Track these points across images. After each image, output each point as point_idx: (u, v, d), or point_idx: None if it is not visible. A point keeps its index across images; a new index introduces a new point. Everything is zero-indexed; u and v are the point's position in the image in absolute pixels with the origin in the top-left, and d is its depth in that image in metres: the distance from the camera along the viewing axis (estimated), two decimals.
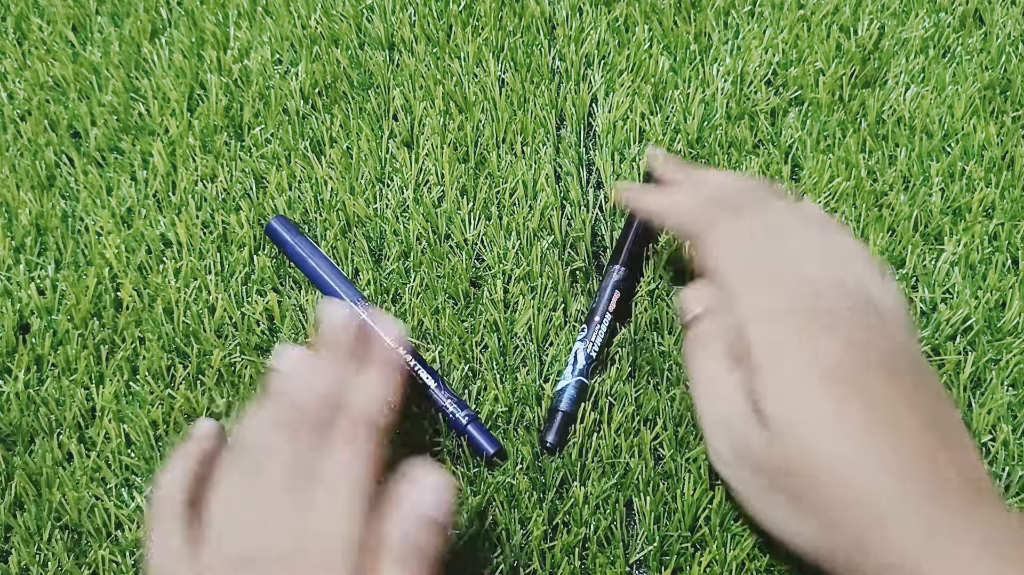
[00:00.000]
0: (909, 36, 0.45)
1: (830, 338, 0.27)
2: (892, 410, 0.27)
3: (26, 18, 0.47)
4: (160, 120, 0.43)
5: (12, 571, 0.32)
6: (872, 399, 0.27)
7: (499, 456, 0.34)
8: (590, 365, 0.36)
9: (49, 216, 0.40)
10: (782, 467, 0.27)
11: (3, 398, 0.36)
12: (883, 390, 0.27)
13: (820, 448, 0.26)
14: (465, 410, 0.35)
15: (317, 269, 0.38)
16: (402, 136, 0.43)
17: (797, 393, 0.27)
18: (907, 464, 0.26)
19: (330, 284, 0.37)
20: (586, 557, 0.33)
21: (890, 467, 0.26)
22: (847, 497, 0.26)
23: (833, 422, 0.27)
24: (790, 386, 0.27)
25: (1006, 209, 0.40)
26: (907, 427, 0.26)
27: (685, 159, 0.42)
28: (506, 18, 0.46)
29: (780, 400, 0.27)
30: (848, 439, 0.26)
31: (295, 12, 0.46)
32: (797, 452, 0.26)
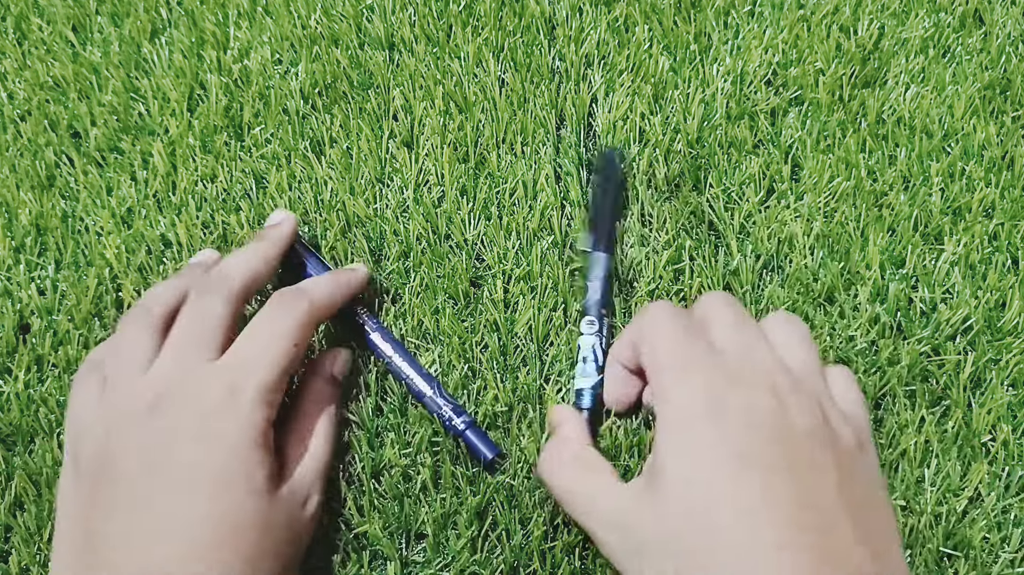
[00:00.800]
0: (909, 36, 0.45)
1: (731, 411, 0.27)
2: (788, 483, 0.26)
3: (26, 18, 0.47)
4: (160, 120, 0.43)
5: (12, 571, 0.32)
6: (770, 468, 0.26)
7: (498, 458, 0.34)
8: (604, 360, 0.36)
9: (49, 216, 0.40)
10: (673, 529, 0.26)
11: (3, 398, 0.36)
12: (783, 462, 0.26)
13: (717, 511, 0.26)
14: (462, 416, 0.35)
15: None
16: (402, 136, 0.43)
17: (701, 453, 0.27)
18: (793, 545, 0.25)
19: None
20: (586, 557, 0.33)
21: (779, 545, 0.25)
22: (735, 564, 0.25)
23: (733, 489, 0.26)
24: (694, 446, 0.27)
25: (1006, 209, 0.40)
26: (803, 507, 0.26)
27: (685, 159, 0.42)
28: (506, 18, 0.46)
29: (682, 459, 0.27)
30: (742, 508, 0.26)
31: (295, 12, 0.46)
32: (696, 512, 0.26)
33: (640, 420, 0.35)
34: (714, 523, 0.25)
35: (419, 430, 0.35)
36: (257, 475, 0.28)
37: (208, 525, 0.27)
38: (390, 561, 0.33)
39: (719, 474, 0.26)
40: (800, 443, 0.27)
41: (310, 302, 0.33)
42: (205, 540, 0.27)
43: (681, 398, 0.28)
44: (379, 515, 0.33)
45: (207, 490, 0.28)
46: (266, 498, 0.29)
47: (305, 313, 0.32)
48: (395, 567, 0.32)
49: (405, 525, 0.33)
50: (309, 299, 0.33)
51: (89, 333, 0.37)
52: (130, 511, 0.27)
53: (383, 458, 0.34)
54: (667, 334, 0.30)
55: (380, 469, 0.34)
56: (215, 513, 0.27)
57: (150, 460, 0.28)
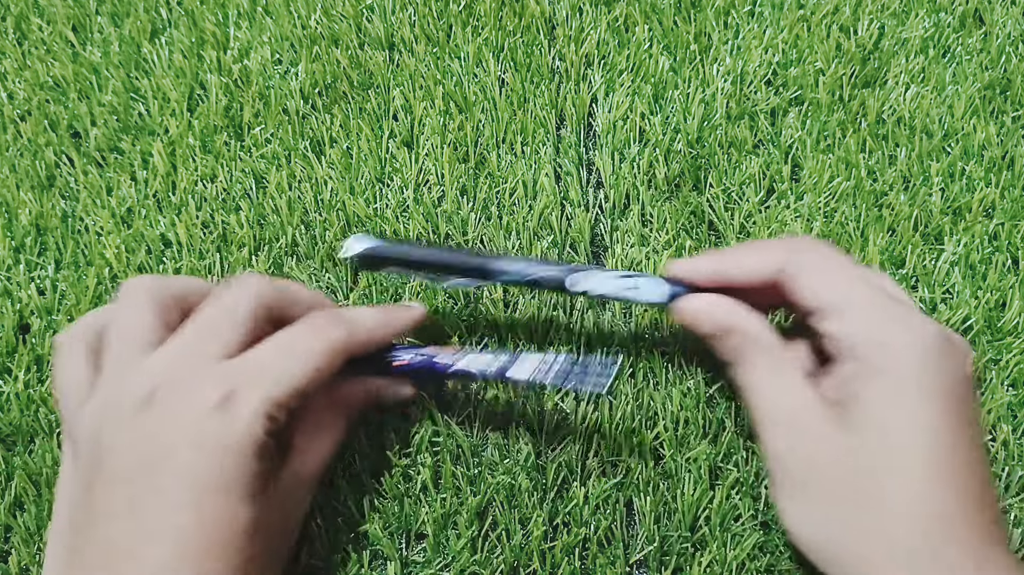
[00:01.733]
0: (909, 36, 0.45)
1: (949, 366, 0.28)
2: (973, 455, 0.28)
3: (26, 18, 0.47)
4: (160, 120, 0.43)
5: (12, 571, 0.32)
6: (965, 438, 0.28)
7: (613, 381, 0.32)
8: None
9: (49, 216, 0.40)
10: (852, 467, 0.28)
11: (3, 398, 0.36)
12: (973, 435, 0.28)
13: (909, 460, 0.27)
14: (561, 356, 0.31)
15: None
16: (402, 136, 0.43)
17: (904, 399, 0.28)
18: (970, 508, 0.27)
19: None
20: (586, 557, 0.33)
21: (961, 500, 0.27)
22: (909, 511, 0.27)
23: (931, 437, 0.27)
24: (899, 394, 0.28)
25: (1006, 209, 0.40)
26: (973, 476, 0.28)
27: (685, 159, 0.42)
28: (506, 18, 0.46)
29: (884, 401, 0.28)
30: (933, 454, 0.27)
31: (295, 12, 0.46)
32: (880, 455, 0.27)
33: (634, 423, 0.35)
34: (903, 475, 0.27)
35: (419, 430, 0.35)
36: (252, 483, 0.27)
37: (199, 533, 0.26)
38: (390, 561, 0.33)
39: (928, 431, 0.27)
40: (978, 405, 0.29)
41: (348, 333, 0.30)
42: (194, 548, 0.26)
43: (908, 347, 0.28)
44: (379, 515, 0.33)
45: (198, 498, 0.26)
46: (260, 501, 0.28)
47: (338, 342, 0.30)
48: (395, 567, 0.32)
49: (405, 525, 0.33)
50: (348, 329, 0.30)
51: None
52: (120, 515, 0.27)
53: (383, 458, 0.34)
54: (869, 278, 0.30)
55: (380, 469, 0.34)
56: (207, 522, 0.26)
57: (141, 462, 0.27)
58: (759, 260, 0.31)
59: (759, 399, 0.30)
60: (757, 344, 0.31)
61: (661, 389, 0.36)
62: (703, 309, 0.32)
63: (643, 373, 0.36)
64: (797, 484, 0.29)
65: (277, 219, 0.40)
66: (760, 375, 0.31)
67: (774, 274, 0.31)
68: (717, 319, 0.32)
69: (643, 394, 0.36)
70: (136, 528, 0.26)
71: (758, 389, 0.31)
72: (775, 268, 0.31)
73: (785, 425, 0.29)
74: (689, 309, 0.32)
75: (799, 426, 0.29)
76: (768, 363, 0.31)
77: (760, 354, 0.31)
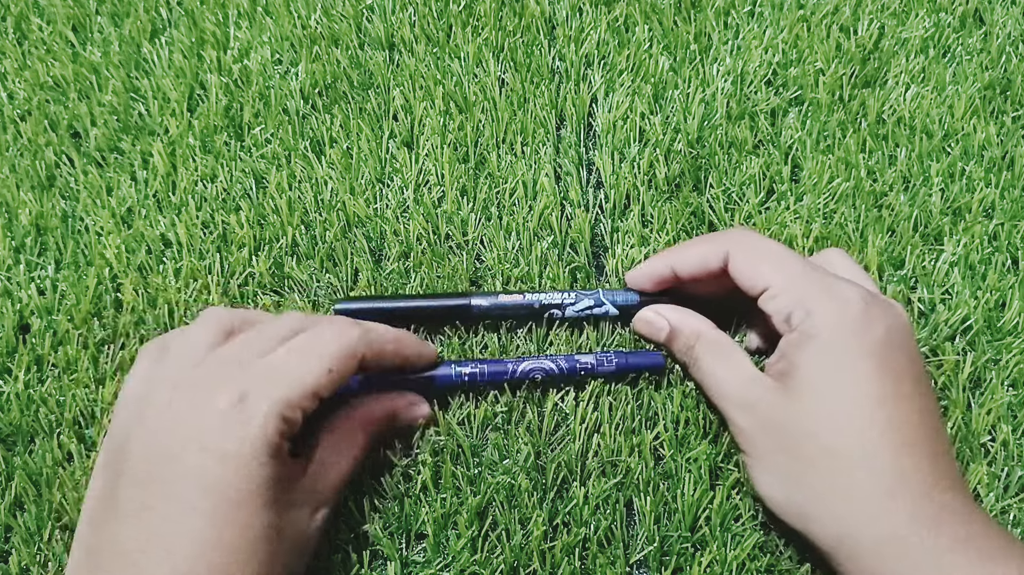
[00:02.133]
0: (909, 36, 0.45)
1: (876, 326, 0.30)
2: (918, 406, 0.30)
3: (26, 18, 0.47)
4: (160, 120, 0.43)
5: (12, 571, 0.32)
6: (905, 391, 0.30)
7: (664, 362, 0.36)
8: None
9: (49, 216, 0.40)
10: (801, 431, 0.30)
11: (3, 398, 0.36)
12: (916, 388, 0.30)
13: (845, 416, 0.29)
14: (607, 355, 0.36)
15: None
16: (402, 136, 0.43)
17: (834, 360, 0.30)
18: (921, 457, 0.29)
19: None
20: (586, 557, 0.33)
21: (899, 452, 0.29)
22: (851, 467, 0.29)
23: (865, 394, 0.29)
24: (828, 356, 0.30)
25: (1006, 209, 0.40)
26: (918, 425, 0.30)
27: (685, 159, 0.42)
28: (506, 18, 0.46)
29: (816, 365, 0.30)
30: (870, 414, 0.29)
31: (295, 12, 0.46)
32: (822, 416, 0.30)
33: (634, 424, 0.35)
34: (846, 433, 0.29)
35: (419, 430, 0.35)
36: (266, 488, 0.27)
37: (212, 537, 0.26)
38: (390, 561, 0.33)
39: (858, 385, 0.29)
40: (918, 360, 0.31)
41: (363, 338, 0.31)
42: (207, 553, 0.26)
43: (831, 311, 0.30)
44: (379, 515, 0.33)
45: (211, 502, 0.26)
46: (275, 509, 0.28)
47: (354, 342, 0.30)
48: (395, 567, 0.32)
49: (405, 525, 0.33)
50: (363, 334, 0.31)
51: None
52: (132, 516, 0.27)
53: (383, 458, 0.34)
54: (797, 258, 0.33)
55: (380, 469, 0.34)
56: (220, 525, 0.26)
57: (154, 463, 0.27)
58: (702, 252, 0.35)
59: (714, 384, 0.33)
60: (702, 339, 0.34)
61: (661, 389, 0.36)
62: (651, 319, 0.36)
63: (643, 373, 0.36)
64: (761, 455, 0.31)
65: (277, 219, 0.40)
66: (709, 364, 0.34)
67: (720, 263, 0.34)
68: (664, 324, 0.35)
69: (643, 394, 0.36)
70: (146, 530, 0.26)
71: (711, 376, 0.33)
72: (718, 258, 0.34)
73: (739, 403, 0.32)
74: (641, 319, 0.36)
75: (750, 401, 0.32)
76: (715, 352, 0.34)
77: (707, 346, 0.34)
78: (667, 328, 0.35)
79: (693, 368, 0.35)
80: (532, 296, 0.36)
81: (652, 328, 0.36)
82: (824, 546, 0.29)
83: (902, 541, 0.27)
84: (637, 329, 0.37)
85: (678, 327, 0.35)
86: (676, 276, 0.36)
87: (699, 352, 0.34)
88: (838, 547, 0.29)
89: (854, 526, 0.28)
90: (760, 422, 0.31)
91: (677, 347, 0.35)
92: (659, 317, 0.36)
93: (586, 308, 0.37)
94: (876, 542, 0.28)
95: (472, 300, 0.36)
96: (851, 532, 0.28)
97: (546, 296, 0.36)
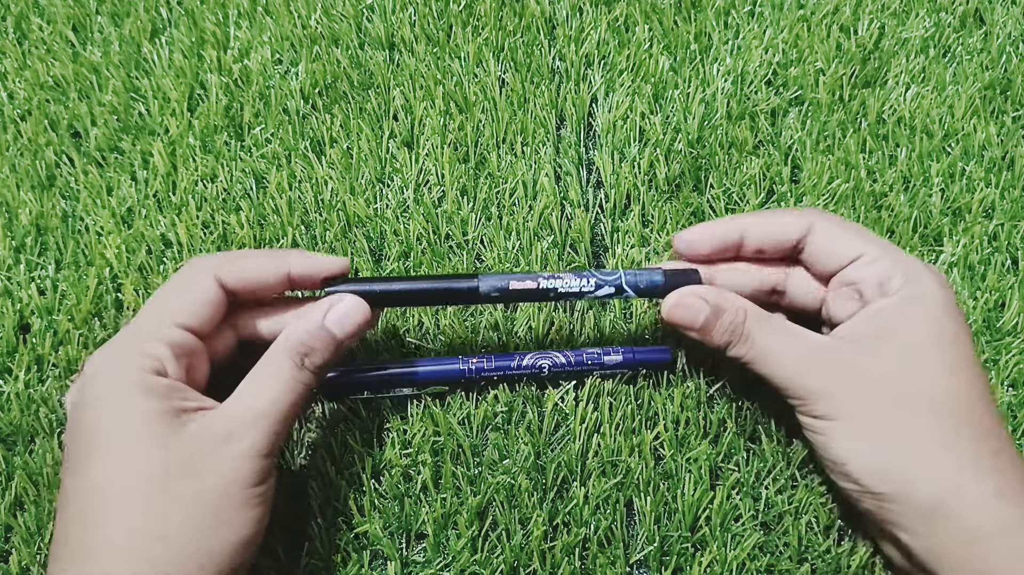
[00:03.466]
0: (909, 36, 0.45)
1: (952, 294, 0.32)
2: (977, 361, 0.31)
3: (26, 18, 0.47)
4: (160, 120, 0.43)
5: (12, 571, 0.32)
6: (972, 348, 0.31)
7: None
8: None
9: (49, 216, 0.40)
10: (899, 386, 0.30)
11: (3, 398, 0.36)
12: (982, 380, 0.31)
13: (950, 374, 0.30)
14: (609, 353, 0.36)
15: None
16: (402, 136, 0.43)
17: (937, 320, 0.31)
18: (987, 399, 0.30)
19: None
20: (586, 557, 0.33)
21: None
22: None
23: (955, 349, 0.31)
24: (933, 317, 0.31)
25: (1006, 209, 0.40)
26: (984, 378, 0.31)
27: (685, 159, 0.42)
28: (506, 18, 0.46)
29: (923, 324, 0.31)
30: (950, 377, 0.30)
31: (295, 12, 0.46)
32: (931, 372, 0.30)
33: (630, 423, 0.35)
34: (949, 384, 0.30)
35: (419, 430, 0.35)
36: (150, 423, 0.27)
37: (104, 483, 0.27)
38: (390, 561, 0.33)
39: (957, 346, 0.30)
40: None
41: (210, 257, 0.31)
42: (100, 501, 0.27)
43: (931, 279, 0.31)
44: (379, 515, 0.33)
45: (101, 450, 0.27)
46: (172, 443, 0.27)
47: (195, 262, 0.31)
48: (395, 567, 0.32)
49: (405, 525, 0.33)
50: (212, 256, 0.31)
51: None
52: (63, 497, 0.27)
53: (383, 458, 0.34)
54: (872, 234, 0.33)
55: (380, 469, 0.34)
56: (110, 469, 0.27)
57: (68, 441, 0.28)
58: (784, 220, 0.33)
59: (777, 358, 0.31)
60: (751, 314, 0.32)
61: (661, 389, 0.36)
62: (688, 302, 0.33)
63: (643, 373, 0.36)
64: (854, 417, 0.30)
65: (277, 219, 0.40)
66: (766, 338, 0.32)
67: (798, 235, 0.33)
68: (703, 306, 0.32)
69: (643, 394, 0.36)
70: (67, 502, 0.27)
71: (770, 350, 0.32)
72: (799, 230, 0.33)
73: (824, 368, 0.31)
74: (677, 305, 0.33)
75: (842, 364, 0.31)
76: (768, 326, 0.32)
77: (757, 321, 0.32)
78: (707, 310, 0.32)
79: (743, 346, 0.32)
80: (547, 282, 0.33)
81: (689, 313, 0.32)
82: (922, 505, 0.29)
83: (1008, 498, 0.28)
84: (671, 316, 0.33)
85: (720, 306, 0.32)
86: (741, 245, 0.34)
87: (751, 328, 0.32)
88: (938, 506, 0.28)
89: (960, 482, 0.28)
90: (856, 384, 0.30)
91: (720, 329, 0.32)
92: (697, 299, 0.32)
93: (607, 296, 0.33)
94: (982, 497, 0.28)
95: (480, 284, 0.32)
96: (958, 485, 0.28)
97: (562, 283, 0.33)
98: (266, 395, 0.29)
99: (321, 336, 0.30)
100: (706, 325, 0.32)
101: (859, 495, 0.30)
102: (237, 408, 0.28)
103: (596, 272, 0.33)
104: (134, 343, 0.29)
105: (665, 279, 0.33)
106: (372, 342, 0.37)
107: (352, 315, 0.31)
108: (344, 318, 0.31)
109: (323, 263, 0.32)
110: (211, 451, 0.27)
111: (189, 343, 0.30)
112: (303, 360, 0.30)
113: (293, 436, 0.35)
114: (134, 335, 0.29)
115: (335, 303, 0.31)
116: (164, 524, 0.26)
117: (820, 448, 0.31)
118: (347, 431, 0.35)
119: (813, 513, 0.34)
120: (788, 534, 0.33)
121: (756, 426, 0.35)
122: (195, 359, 0.30)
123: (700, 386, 0.36)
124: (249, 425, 0.28)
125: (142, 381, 0.27)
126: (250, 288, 0.31)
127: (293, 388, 0.29)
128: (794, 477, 0.35)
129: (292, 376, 0.29)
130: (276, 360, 0.30)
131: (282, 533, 0.33)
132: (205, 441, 0.27)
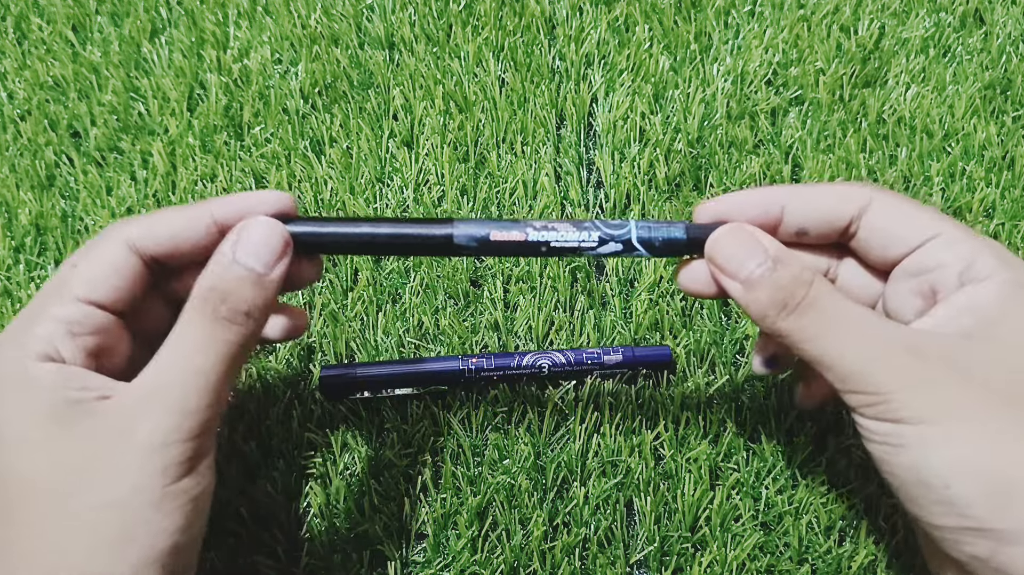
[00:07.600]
0: (909, 36, 0.45)
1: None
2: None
3: (26, 18, 0.47)
4: (160, 120, 0.43)
5: None
6: None
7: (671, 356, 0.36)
8: None
9: (49, 216, 0.40)
10: (1007, 376, 0.24)
11: None
12: None
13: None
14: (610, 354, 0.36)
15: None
16: (402, 136, 0.42)
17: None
18: None
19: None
20: (586, 557, 0.33)
21: None
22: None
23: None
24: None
25: (1006, 209, 0.40)
26: None
27: (685, 159, 0.42)
28: (506, 18, 0.46)
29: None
30: None
31: (295, 12, 0.46)
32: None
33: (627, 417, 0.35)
34: None
35: (419, 430, 0.35)
36: (50, 395, 0.22)
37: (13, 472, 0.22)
38: (390, 561, 0.33)
39: None
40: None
41: (124, 222, 0.25)
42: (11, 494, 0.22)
43: (1019, 264, 0.25)
44: (379, 515, 0.33)
45: (17, 434, 0.23)
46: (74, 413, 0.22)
47: (108, 229, 0.25)
48: (395, 567, 0.32)
49: (405, 525, 0.33)
50: (127, 220, 0.25)
51: None
52: None
53: (383, 458, 0.34)
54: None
55: (380, 469, 0.34)
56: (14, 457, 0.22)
57: None
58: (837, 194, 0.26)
59: (853, 338, 0.24)
60: (820, 277, 0.25)
61: (661, 389, 0.36)
62: (744, 238, 0.26)
63: (643, 373, 0.36)
64: (956, 423, 0.23)
65: None
66: (842, 310, 0.24)
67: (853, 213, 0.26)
68: (766, 246, 0.25)
69: (643, 394, 0.36)
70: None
71: (845, 326, 0.24)
72: (856, 206, 0.26)
73: (903, 358, 0.23)
74: (729, 240, 0.26)
75: (930, 354, 0.24)
76: (843, 297, 0.25)
77: (829, 289, 0.25)
78: (763, 252, 0.25)
79: (803, 317, 0.24)
80: (537, 234, 0.26)
81: (741, 251, 0.25)
82: None
83: None
84: (717, 254, 0.26)
85: (784, 258, 0.25)
86: (779, 223, 0.27)
87: (819, 294, 0.24)
88: None
89: None
90: (963, 381, 0.23)
91: (778, 284, 0.25)
92: (752, 238, 0.26)
93: (612, 253, 0.27)
94: None
95: (454, 232, 0.26)
96: None
97: (556, 235, 0.26)
98: (175, 363, 0.23)
99: (234, 273, 0.24)
100: (759, 276, 0.25)
101: (957, 536, 0.22)
102: (140, 388, 0.23)
103: (601, 223, 0.27)
104: (27, 328, 0.23)
105: (688, 235, 0.27)
106: (372, 342, 0.37)
107: (269, 240, 0.24)
108: (259, 246, 0.24)
109: (251, 201, 0.25)
110: (109, 449, 0.22)
111: (95, 320, 0.24)
112: (218, 309, 0.24)
113: (293, 436, 0.35)
114: (31, 318, 0.24)
115: (241, 231, 0.25)
116: (63, 555, 0.21)
117: (900, 467, 0.23)
118: (347, 431, 0.35)
119: (813, 513, 0.34)
120: (788, 534, 0.33)
121: (756, 426, 0.35)
122: (107, 338, 0.25)
123: (700, 386, 0.36)
124: (154, 405, 0.23)
125: (23, 373, 0.23)
126: (172, 250, 0.25)
127: (209, 347, 0.23)
128: (794, 477, 0.34)
129: (205, 333, 0.23)
130: (184, 317, 0.24)
131: (282, 533, 0.33)
132: (102, 438, 0.22)
